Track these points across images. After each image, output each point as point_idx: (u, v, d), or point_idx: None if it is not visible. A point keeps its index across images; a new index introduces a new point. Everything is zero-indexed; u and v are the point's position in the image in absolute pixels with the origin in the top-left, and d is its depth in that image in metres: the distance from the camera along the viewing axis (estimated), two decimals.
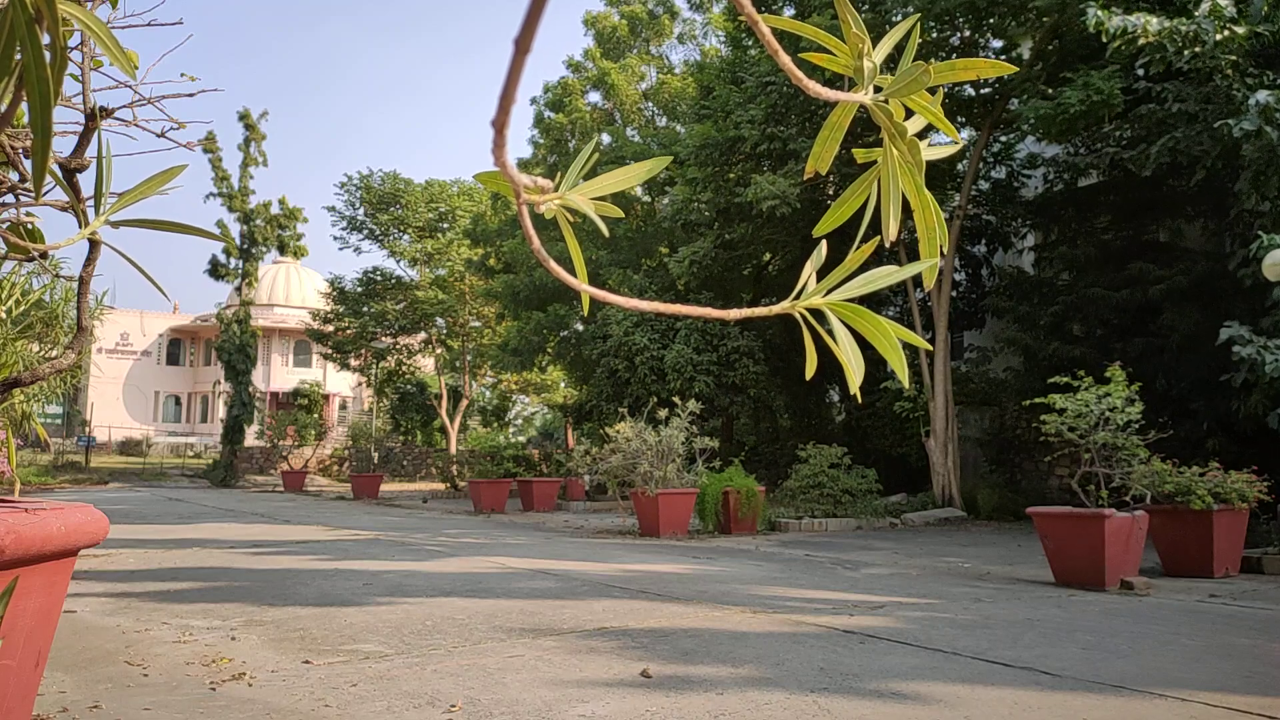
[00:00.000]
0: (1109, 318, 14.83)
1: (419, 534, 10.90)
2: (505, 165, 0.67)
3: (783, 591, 6.27)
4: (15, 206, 2.06)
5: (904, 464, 17.15)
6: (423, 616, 5.02)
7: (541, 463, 20.85)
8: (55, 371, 2.15)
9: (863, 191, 0.90)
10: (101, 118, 1.88)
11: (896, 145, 0.82)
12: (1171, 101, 10.54)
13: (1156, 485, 7.33)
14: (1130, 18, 9.21)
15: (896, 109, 0.81)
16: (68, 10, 1.22)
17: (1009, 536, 11.42)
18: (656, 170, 0.82)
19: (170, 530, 10.89)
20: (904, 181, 0.84)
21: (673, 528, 11.09)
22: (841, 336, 0.81)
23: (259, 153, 28.53)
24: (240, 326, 28.24)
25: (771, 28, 0.76)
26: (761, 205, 13.81)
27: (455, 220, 31.23)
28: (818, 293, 0.80)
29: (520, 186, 0.71)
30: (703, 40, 25.46)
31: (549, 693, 3.41)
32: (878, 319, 0.82)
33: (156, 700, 3.25)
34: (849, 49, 0.81)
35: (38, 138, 1.14)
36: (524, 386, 37.70)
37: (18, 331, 4.86)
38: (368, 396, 41.04)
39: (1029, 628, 4.96)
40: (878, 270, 0.84)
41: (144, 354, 49.86)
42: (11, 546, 2.01)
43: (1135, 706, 3.38)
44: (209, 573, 6.85)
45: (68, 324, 5.29)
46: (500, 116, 0.63)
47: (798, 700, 3.35)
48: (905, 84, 0.78)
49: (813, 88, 0.76)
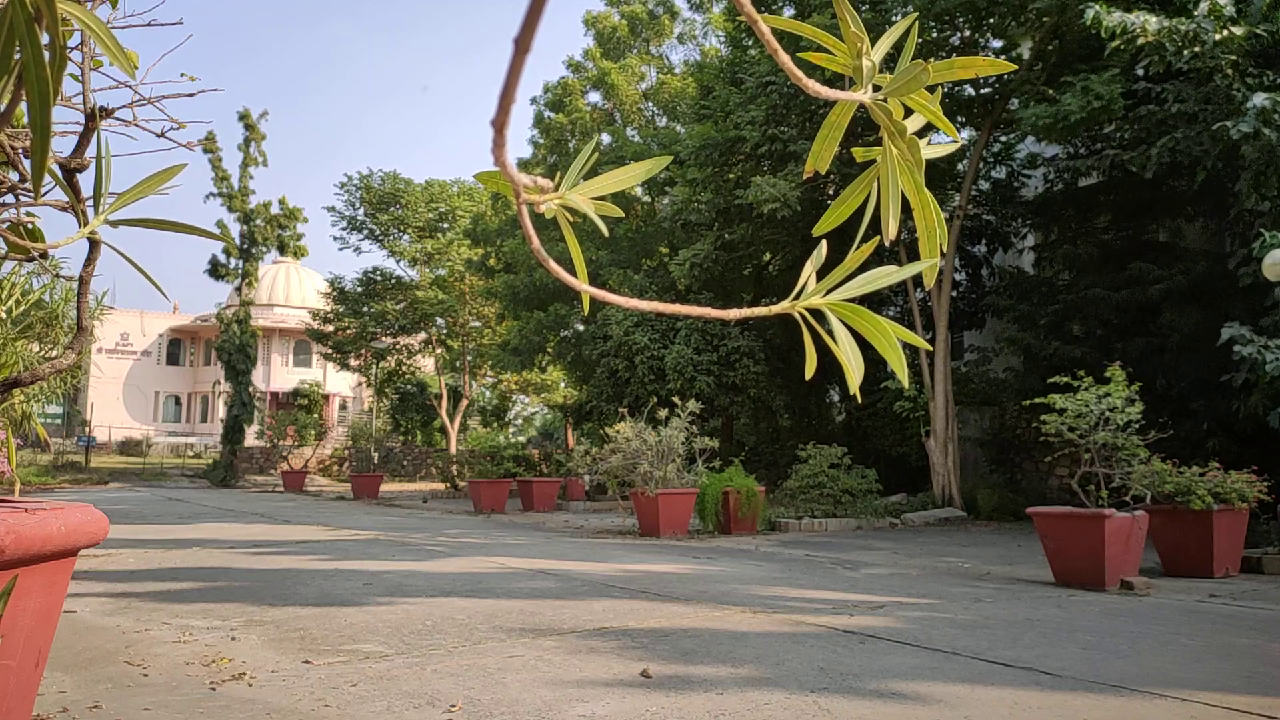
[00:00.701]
0: (1109, 318, 14.83)
1: (419, 534, 10.90)
2: (505, 165, 0.67)
3: (783, 591, 6.27)
4: (15, 206, 2.06)
5: (904, 464, 17.15)
6: (423, 616, 5.02)
7: (541, 463, 20.85)
8: (55, 371, 2.15)
9: (862, 190, 0.90)
10: (101, 118, 1.88)
11: (896, 144, 0.82)
12: (1171, 102, 10.54)
13: (1156, 485, 7.33)
14: (1129, 16, 9.20)
15: (896, 108, 0.81)
16: (67, 10, 1.22)
17: (1009, 536, 11.42)
18: (656, 170, 0.82)
19: (170, 530, 10.89)
20: (903, 180, 0.84)
21: (673, 528, 11.09)
22: (841, 337, 0.80)
23: (259, 153, 28.54)
24: (240, 326, 28.24)
25: (771, 27, 0.76)
26: (762, 207, 13.81)
27: (455, 220, 31.23)
28: (817, 293, 0.80)
29: (520, 186, 0.71)
30: (703, 40, 25.46)
31: (549, 693, 3.41)
32: (877, 319, 0.81)
33: (156, 700, 3.25)
34: (848, 48, 0.81)
35: (37, 137, 1.14)
36: (524, 386, 37.71)
37: (18, 331, 4.86)
38: (368, 396, 41.07)
39: (1029, 628, 4.96)
40: (878, 270, 0.84)
41: (144, 354, 49.86)
42: (11, 546, 2.01)
43: (1135, 706, 3.38)
44: (209, 573, 6.85)
45: (68, 324, 5.29)
46: (500, 116, 0.63)
47: (798, 700, 3.35)
48: (904, 83, 0.78)
49: (812, 87, 0.76)
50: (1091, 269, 15.51)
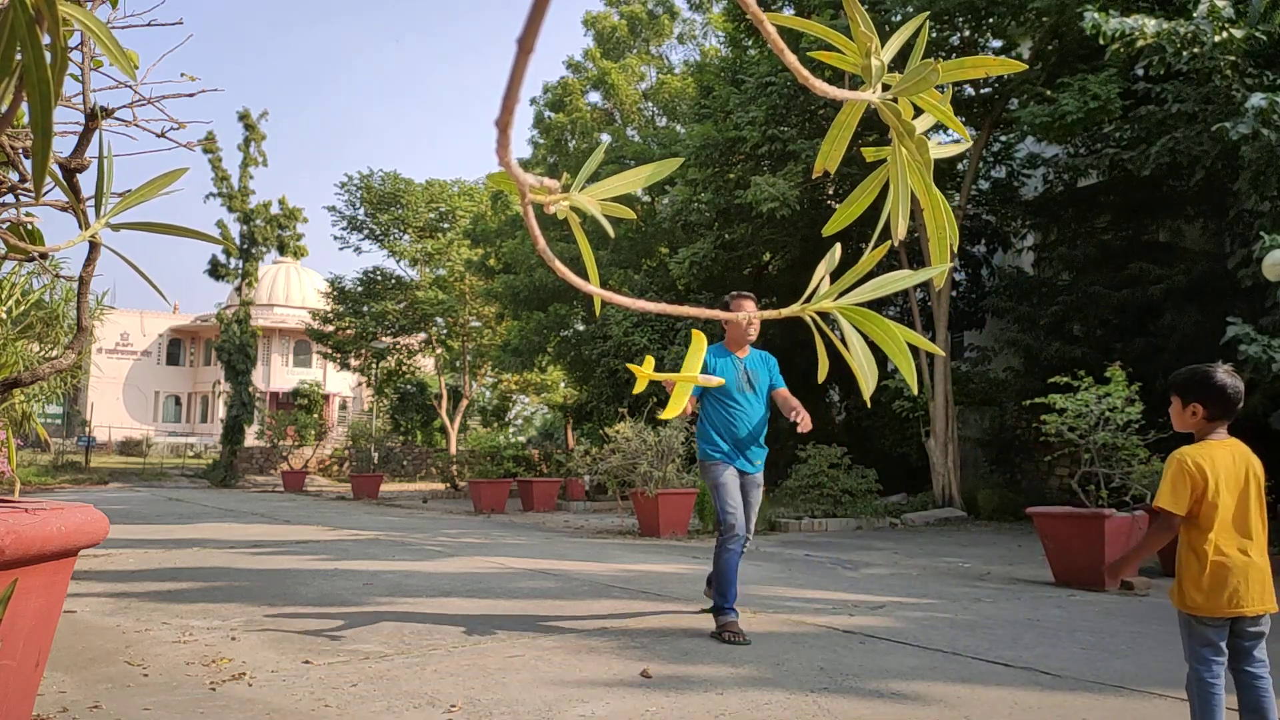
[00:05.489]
0: (1109, 318, 14.82)
1: (419, 534, 10.89)
2: (510, 165, 0.66)
3: (783, 591, 6.27)
4: (15, 207, 2.06)
5: (904, 464, 17.14)
6: (422, 616, 5.02)
7: (541, 463, 20.83)
8: (55, 371, 2.15)
9: (871, 191, 0.90)
10: (102, 118, 1.87)
11: (905, 144, 0.82)
12: (1171, 102, 10.53)
13: (1156, 485, 7.32)
14: (1128, 20, 9.18)
15: (905, 108, 0.81)
16: (68, 10, 1.21)
17: (1009, 536, 11.41)
18: (664, 173, 0.82)
19: (170, 530, 10.88)
20: (913, 181, 0.84)
21: (673, 528, 11.09)
22: (854, 342, 0.80)
23: (259, 153, 28.51)
24: (240, 326, 28.22)
25: (775, 26, 0.75)
26: (761, 207, 13.80)
27: (455, 220, 31.21)
28: (828, 296, 0.80)
29: (525, 186, 0.70)
30: (703, 40, 25.45)
31: (549, 693, 3.40)
32: (887, 323, 0.81)
33: (156, 700, 3.24)
34: (857, 47, 0.81)
35: (38, 138, 1.14)
36: (524, 386, 37.68)
37: (18, 331, 4.86)
38: (368, 396, 41.02)
39: (1029, 628, 4.96)
40: (891, 274, 0.83)
41: (144, 354, 49.84)
42: (11, 547, 2.01)
43: (1135, 706, 3.38)
44: (209, 573, 6.84)
45: (68, 324, 5.29)
46: (504, 116, 0.63)
47: (798, 700, 3.34)
48: (914, 82, 0.78)
49: (820, 87, 0.75)
50: (1091, 269, 15.51)
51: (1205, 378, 2.66)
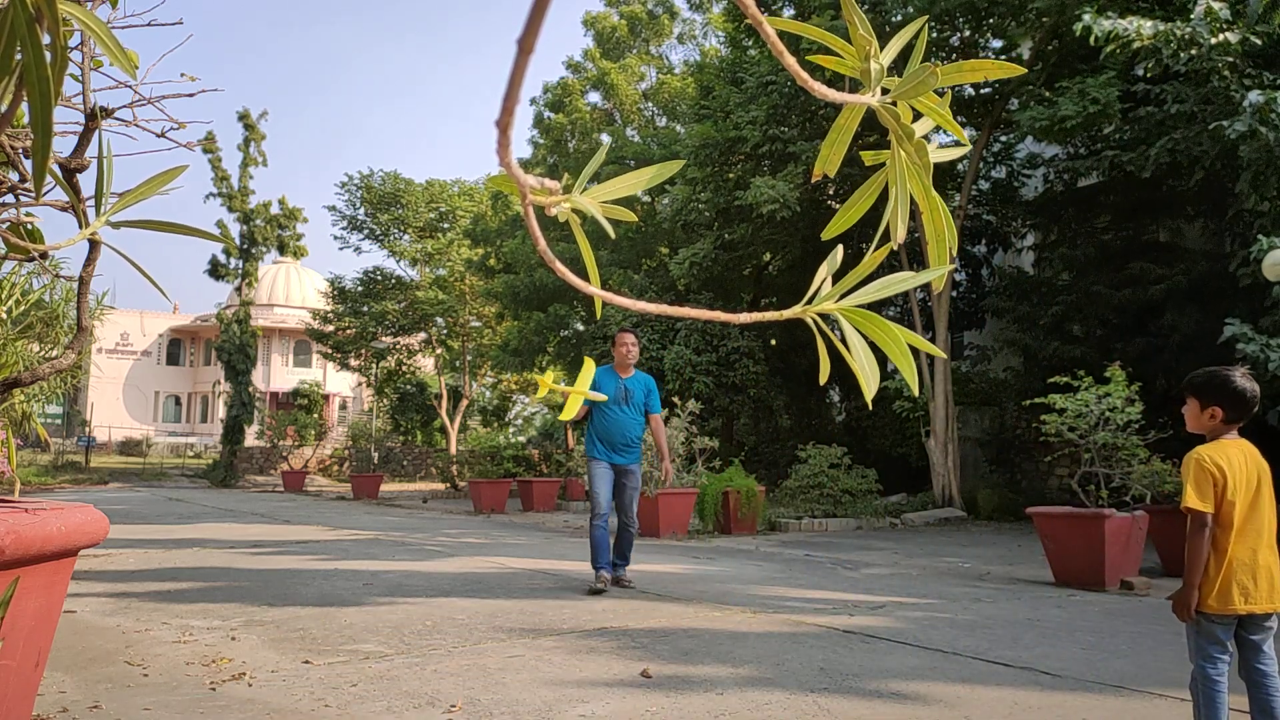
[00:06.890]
0: (1109, 318, 14.82)
1: (419, 534, 10.90)
2: (511, 165, 0.66)
3: (783, 591, 6.27)
4: (15, 206, 2.06)
5: (904, 464, 17.14)
6: (422, 616, 5.02)
7: (541, 463, 20.82)
8: (55, 371, 2.15)
9: (871, 194, 0.90)
10: (102, 118, 1.87)
11: (904, 147, 0.82)
12: (1170, 103, 10.52)
13: (1156, 485, 7.32)
14: (1122, 22, 9.16)
15: (904, 111, 0.81)
16: (68, 10, 1.21)
17: (1009, 536, 11.41)
18: (666, 175, 0.82)
19: (170, 530, 10.88)
20: (912, 184, 0.84)
21: (673, 528, 11.09)
22: (855, 344, 0.80)
23: (259, 153, 28.51)
24: (240, 326, 28.22)
25: (775, 29, 0.75)
26: (761, 208, 13.80)
27: (455, 220, 31.19)
28: (830, 297, 0.80)
29: (526, 188, 0.70)
30: (702, 40, 25.44)
31: (549, 693, 3.40)
32: (888, 325, 0.81)
33: (156, 700, 3.24)
34: (855, 50, 0.81)
35: (38, 138, 1.14)
36: (524, 386, 37.67)
37: (18, 331, 4.86)
38: (368, 396, 41.01)
39: (1029, 628, 4.96)
40: (893, 276, 0.83)
41: (144, 354, 49.84)
42: (11, 547, 2.01)
43: (1135, 706, 3.38)
44: (209, 573, 6.84)
45: (68, 324, 5.29)
46: (504, 117, 0.63)
47: (798, 700, 3.34)
48: (913, 85, 0.78)
49: (819, 90, 0.75)
50: (1091, 269, 15.50)
51: (1225, 381, 2.67)
